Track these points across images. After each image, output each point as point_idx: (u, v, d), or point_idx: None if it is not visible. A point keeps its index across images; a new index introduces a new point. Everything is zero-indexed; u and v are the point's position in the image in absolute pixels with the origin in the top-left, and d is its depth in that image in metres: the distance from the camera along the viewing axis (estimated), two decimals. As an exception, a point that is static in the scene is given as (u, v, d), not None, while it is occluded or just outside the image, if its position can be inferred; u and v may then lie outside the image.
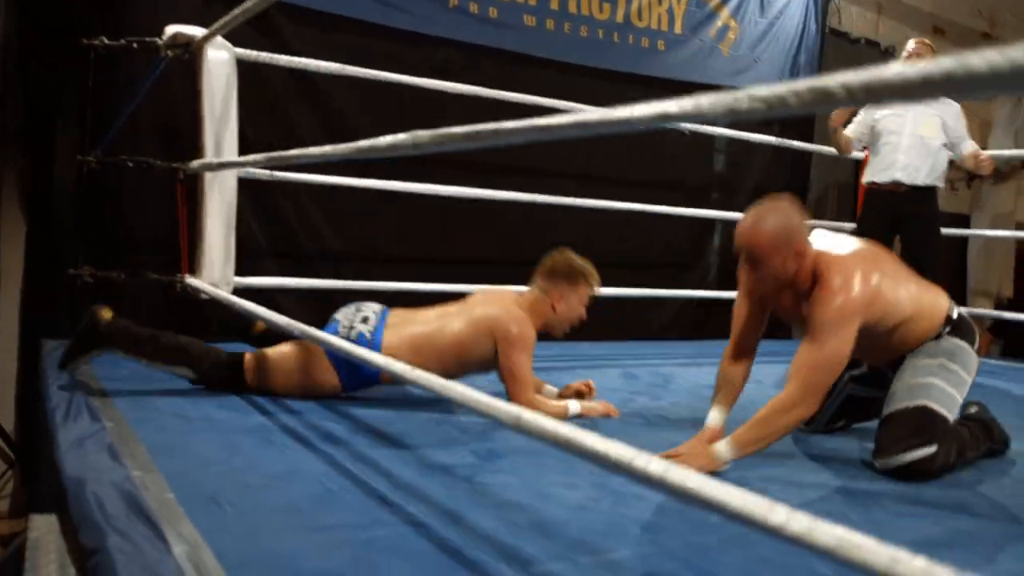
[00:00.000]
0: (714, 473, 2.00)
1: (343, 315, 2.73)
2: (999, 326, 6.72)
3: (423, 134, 1.54)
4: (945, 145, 4.47)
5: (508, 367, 2.64)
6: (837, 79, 0.81)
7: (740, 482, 2.09)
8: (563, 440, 1.13)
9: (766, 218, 2.14)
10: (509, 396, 2.63)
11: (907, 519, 1.95)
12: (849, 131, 4.60)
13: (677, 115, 1.00)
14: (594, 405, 2.79)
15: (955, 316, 2.40)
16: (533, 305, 2.77)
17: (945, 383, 2.27)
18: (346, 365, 2.63)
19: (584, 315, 2.83)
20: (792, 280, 2.18)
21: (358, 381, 2.70)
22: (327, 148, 2.00)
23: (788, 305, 2.29)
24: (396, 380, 2.57)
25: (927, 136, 4.41)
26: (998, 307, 7.00)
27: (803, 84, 0.84)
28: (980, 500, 2.16)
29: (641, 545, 1.64)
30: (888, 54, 6.08)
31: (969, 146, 4.49)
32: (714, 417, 2.30)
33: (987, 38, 7.18)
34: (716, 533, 1.69)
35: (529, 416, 1.21)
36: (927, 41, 4.38)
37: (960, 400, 2.33)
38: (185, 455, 2.04)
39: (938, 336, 2.36)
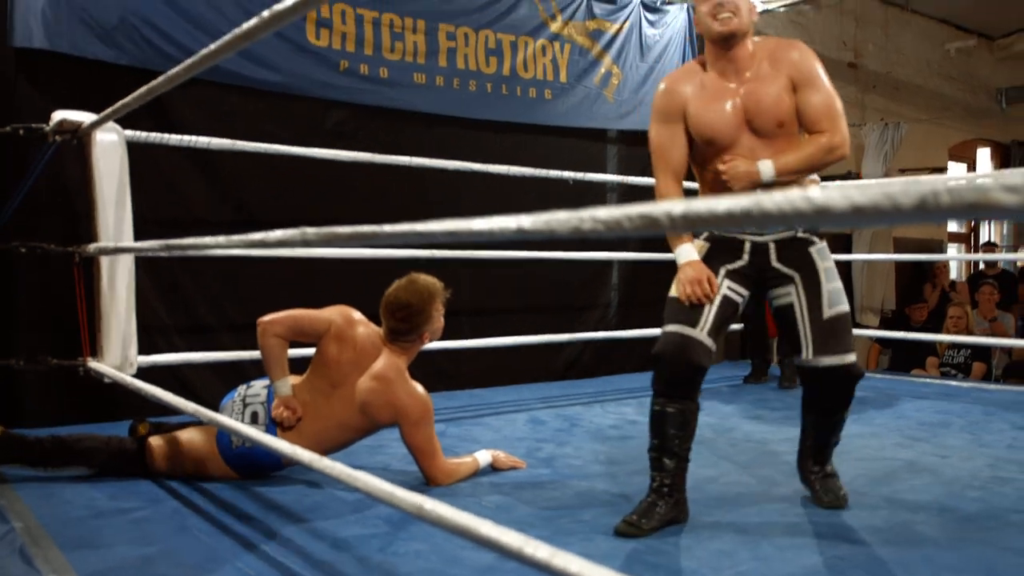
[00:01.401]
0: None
1: (231, 414, 2.68)
2: (886, 338, 7.10)
3: (311, 231, 1.65)
4: None
5: (415, 444, 2.67)
6: (662, 208, 0.95)
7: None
8: (460, 528, 1.24)
9: None
10: (421, 469, 2.69)
11: (791, 551, 2.11)
12: None
13: (531, 231, 1.12)
14: (502, 458, 2.90)
15: None
16: (409, 355, 2.78)
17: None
18: (242, 468, 2.67)
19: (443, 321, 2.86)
20: (743, 35, 2.39)
21: (259, 472, 2.72)
22: (221, 239, 2.07)
23: (728, 89, 2.42)
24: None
25: None
26: (883, 320, 7.41)
27: (635, 209, 0.98)
28: (860, 527, 2.34)
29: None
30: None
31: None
32: (688, 250, 2.44)
33: (852, 68, 7.63)
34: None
35: (431, 506, 1.31)
36: None
37: None
38: (99, 550, 2.06)
39: None
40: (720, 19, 2.36)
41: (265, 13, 1.61)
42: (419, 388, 2.70)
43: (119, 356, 3.22)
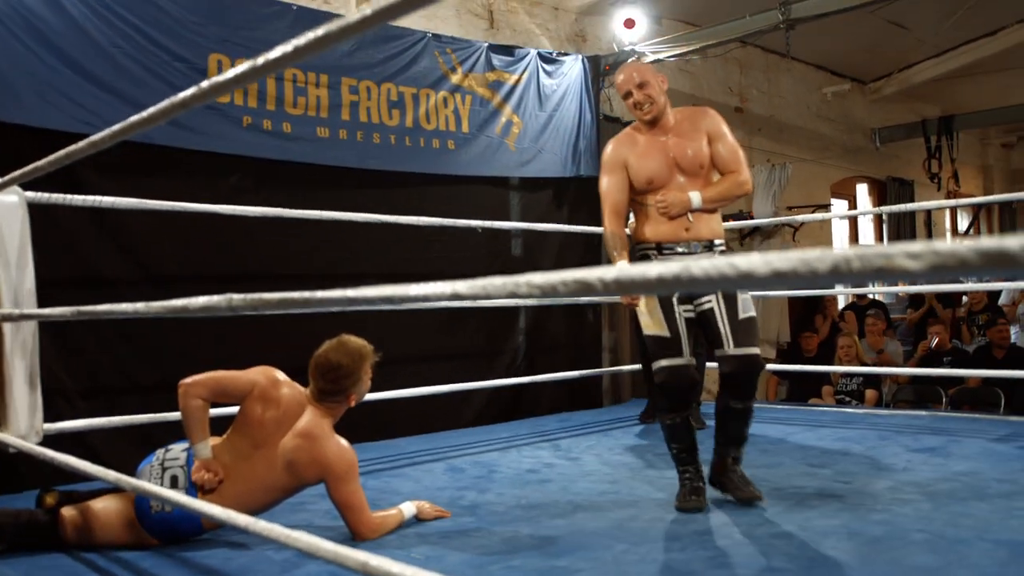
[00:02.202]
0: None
1: (150, 479, 2.62)
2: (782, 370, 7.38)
3: (236, 298, 1.66)
4: None
5: (341, 500, 2.67)
6: (595, 274, 1.02)
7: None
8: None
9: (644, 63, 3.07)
10: (348, 525, 2.68)
11: None
12: None
13: (467, 294, 1.19)
14: (427, 508, 2.91)
15: None
16: (335, 415, 2.78)
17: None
18: (163, 534, 2.60)
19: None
20: (662, 113, 3.08)
21: (179, 537, 2.65)
22: (140, 305, 2.06)
23: (660, 142, 3.07)
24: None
25: None
26: (780, 352, 7.71)
27: (569, 275, 1.05)
28: (776, 555, 2.45)
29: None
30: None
31: None
32: (623, 266, 2.83)
33: (739, 112, 8.00)
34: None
35: (376, 562, 1.33)
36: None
37: None
38: (17, 631, 1.99)
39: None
40: (642, 111, 3.08)
41: (205, 83, 1.63)
42: (344, 443, 2.70)
43: (24, 425, 3.11)
